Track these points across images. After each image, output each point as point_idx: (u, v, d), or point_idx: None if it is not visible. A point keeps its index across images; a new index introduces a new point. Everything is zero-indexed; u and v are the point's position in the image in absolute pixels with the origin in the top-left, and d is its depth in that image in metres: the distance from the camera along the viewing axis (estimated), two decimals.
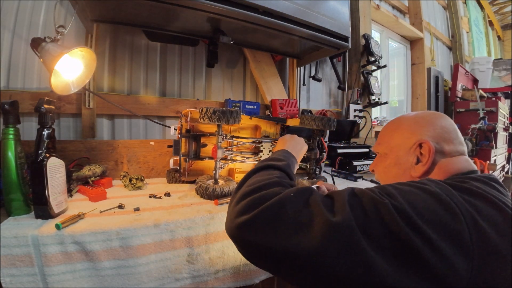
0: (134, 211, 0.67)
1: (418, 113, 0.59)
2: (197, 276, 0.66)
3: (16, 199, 0.60)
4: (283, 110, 1.54)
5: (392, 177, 0.57)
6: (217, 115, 0.76)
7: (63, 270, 0.54)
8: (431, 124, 0.55)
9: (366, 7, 2.01)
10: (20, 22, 0.99)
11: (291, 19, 1.01)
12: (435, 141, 0.52)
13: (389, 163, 0.58)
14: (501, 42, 5.89)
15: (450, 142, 0.53)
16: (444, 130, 0.54)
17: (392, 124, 0.62)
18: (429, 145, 0.52)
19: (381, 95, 2.10)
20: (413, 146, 0.54)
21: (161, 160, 1.08)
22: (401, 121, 0.60)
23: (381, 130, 0.65)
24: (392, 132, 0.60)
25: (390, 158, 0.58)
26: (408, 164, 0.55)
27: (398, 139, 0.58)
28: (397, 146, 0.57)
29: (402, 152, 0.56)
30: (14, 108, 0.60)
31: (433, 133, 0.53)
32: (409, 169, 0.54)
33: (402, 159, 0.56)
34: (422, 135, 0.54)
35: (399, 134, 0.58)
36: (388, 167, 0.59)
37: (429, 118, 0.56)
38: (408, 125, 0.57)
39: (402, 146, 0.56)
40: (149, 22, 1.08)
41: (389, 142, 0.60)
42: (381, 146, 0.62)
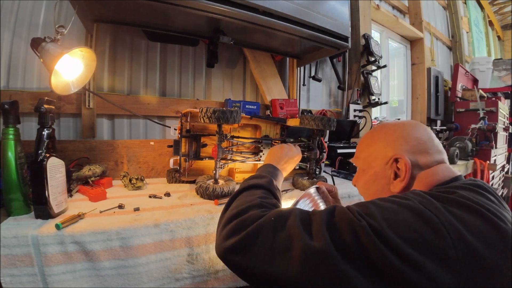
0: (134, 211, 0.67)
1: (391, 125, 0.58)
2: (197, 276, 0.66)
3: (16, 199, 0.60)
4: (283, 110, 1.54)
5: (372, 194, 0.57)
6: (217, 115, 0.76)
7: (63, 270, 0.54)
8: (403, 137, 0.54)
9: (366, 7, 2.01)
10: (20, 22, 0.99)
11: (291, 19, 1.01)
12: (411, 155, 0.51)
13: (368, 179, 0.58)
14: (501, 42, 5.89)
15: (426, 153, 0.52)
16: (419, 141, 0.53)
17: (367, 138, 0.61)
18: (404, 160, 0.50)
19: (381, 95, 2.10)
20: (389, 161, 0.53)
21: (161, 160, 1.08)
22: (375, 135, 0.59)
23: (358, 142, 0.64)
24: (367, 147, 0.59)
25: (368, 174, 0.58)
26: (386, 180, 0.54)
27: (374, 155, 0.57)
28: (373, 162, 0.57)
29: (379, 168, 0.55)
30: (14, 108, 0.60)
31: (408, 147, 0.52)
32: (387, 184, 0.53)
33: (380, 175, 0.55)
34: (396, 150, 0.53)
35: (374, 149, 0.57)
36: (368, 183, 0.58)
37: (401, 131, 0.55)
38: (382, 139, 0.56)
39: (378, 161, 0.55)
40: (149, 22, 1.08)
41: (365, 158, 0.59)
42: (358, 160, 0.62)
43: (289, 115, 1.55)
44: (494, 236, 0.35)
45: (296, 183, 0.97)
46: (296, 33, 1.08)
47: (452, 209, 0.37)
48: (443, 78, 3.00)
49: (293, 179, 1.00)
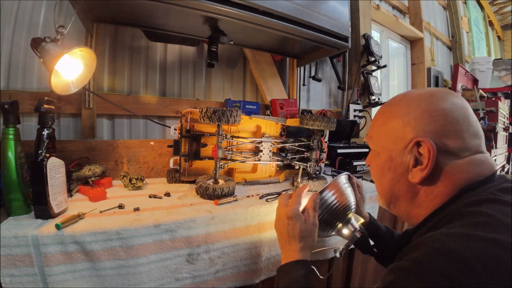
0: (134, 211, 0.67)
1: (415, 94, 0.46)
2: (197, 276, 0.66)
3: (16, 199, 0.60)
4: (283, 110, 1.54)
5: (386, 183, 0.49)
6: (217, 115, 0.76)
7: (63, 270, 0.54)
8: (429, 113, 0.42)
9: (366, 7, 2.01)
10: (20, 22, 0.99)
11: (291, 19, 1.01)
12: (437, 137, 0.41)
13: (382, 165, 0.49)
14: (501, 42, 5.89)
15: (458, 136, 0.41)
16: (449, 120, 0.41)
17: (383, 112, 0.50)
18: (428, 144, 0.40)
19: (381, 95, 2.10)
20: (408, 145, 0.43)
21: (161, 160, 1.08)
22: (393, 108, 0.48)
23: (374, 117, 0.53)
24: (382, 124, 0.49)
25: (382, 159, 0.49)
26: (404, 168, 0.45)
27: (390, 135, 0.47)
28: (388, 144, 0.47)
29: (396, 153, 0.45)
30: (14, 108, 0.60)
31: (434, 126, 0.41)
32: (405, 173, 0.45)
33: (396, 161, 0.46)
34: (419, 130, 0.42)
35: (390, 128, 0.47)
36: (382, 169, 0.49)
37: (427, 104, 0.43)
38: (402, 114, 0.45)
39: (395, 144, 0.46)
40: (149, 22, 1.08)
41: (379, 138, 0.49)
42: (372, 140, 0.52)
43: (289, 115, 1.55)
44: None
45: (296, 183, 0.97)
46: (296, 33, 1.08)
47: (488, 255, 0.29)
48: (443, 78, 3.00)
49: (293, 179, 1.00)
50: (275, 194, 0.85)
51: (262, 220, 0.74)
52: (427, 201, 0.43)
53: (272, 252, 0.78)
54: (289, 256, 0.57)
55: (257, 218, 0.74)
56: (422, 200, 0.44)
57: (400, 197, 0.47)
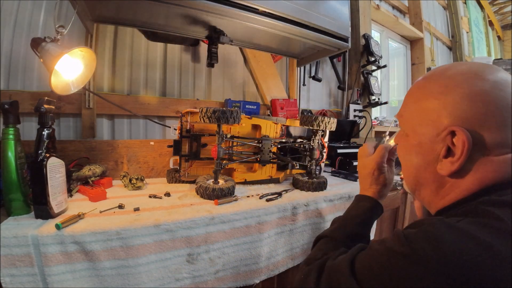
0: (134, 211, 0.67)
1: (455, 71, 0.40)
2: (197, 276, 0.66)
3: (16, 199, 0.60)
4: (283, 110, 1.54)
5: (413, 168, 0.46)
6: (217, 115, 0.76)
7: (63, 270, 0.54)
8: (472, 96, 0.36)
9: (366, 7, 2.01)
10: (20, 22, 0.99)
11: (291, 19, 1.01)
12: (475, 127, 0.36)
13: (409, 149, 0.45)
14: (501, 42, 5.89)
15: (499, 127, 0.35)
16: (491, 107, 0.35)
17: (418, 89, 0.45)
18: (463, 136, 0.36)
19: (381, 95, 2.10)
20: (441, 132, 0.39)
21: (161, 160, 1.08)
22: (431, 86, 0.42)
23: (408, 91, 0.48)
24: (416, 103, 0.44)
25: (410, 143, 0.45)
26: (433, 156, 0.41)
27: (423, 118, 0.42)
28: (419, 127, 0.43)
29: (427, 138, 0.41)
30: (14, 108, 0.60)
31: (473, 114, 0.36)
32: (434, 162, 0.41)
33: (426, 147, 0.42)
34: (455, 117, 0.37)
35: (423, 110, 0.42)
36: (409, 153, 0.46)
37: (469, 86, 0.37)
38: (437, 95, 0.40)
39: (426, 129, 0.41)
40: (149, 22, 1.07)
41: (410, 119, 0.45)
42: (402, 119, 0.48)
43: (289, 115, 1.55)
44: None
45: (296, 183, 0.97)
46: (296, 33, 1.08)
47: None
48: None
49: (293, 179, 1.00)
50: (275, 194, 0.85)
51: (262, 220, 0.74)
52: (452, 194, 0.40)
53: (272, 252, 0.78)
54: (367, 193, 0.63)
55: (257, 218, 0.74)
56: (447, 193, 0.41)
57: (425, 184, 0.44)
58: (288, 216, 0.81)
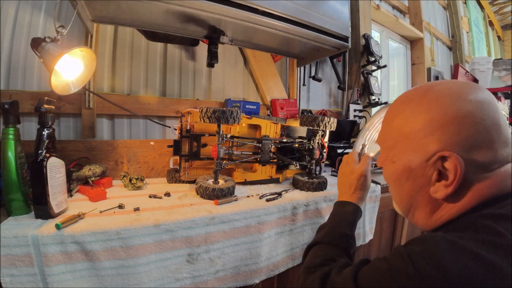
0: (134, 211, 0.67)
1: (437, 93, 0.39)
2: (197, 276, 0.66)
3: (16, 199, 0.60)
4: (283, 110, 1.54)
5: (404, 193, 0.44)
6: (217, 115, 0.76)
7: (63, 270, 0.54)
8: (458, 119, 0.36)
9: (366, 7, 2.01)
10: (20, 22, 0.99)
11: (291, 19, 1.01)
12: (465, 150, 0.35)
13: (398, 175, 0.43)
14: (501, 42, 5.89)
15: (489, 147, 0.35)
16: (479, 128, 0.35)
17: (398, 113, 0.43)
18: (455, 161, 0.35)
19: (381, 95, 2.10)
20: (431, 157, 0.37)
21: (161, 160, 1.08)
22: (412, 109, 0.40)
23: (386, 115, 0.46)
24: (398, 129, 0.42)
25: (398, 169, 0.43)
26: (425, 180, 0.39)
27: (409, 144, 0.40)
28: (406, 154, 0.41)
29: (415, 164, 0.40)
30: (14, 108, 0.61)
31: (462, 137, 0.35)
32: (426, 185, 0.40)
33: (416, 173, 0.40)
34: (444, 142, 0.36)
35: (409, 135, 0.40)
36: (398, 179, 0.44)
37: (455, 110, 0.36)
38: (423, 119, 0.38)
39: (414, 155, 0.40)
40: (149, 22, 1.07)
41: (395, 144, 0.43)
42: (385, 144, 0.46)
43: (289, 115, 1.55)
44: None
45: (296, 183, 0.97)
46: (296, 33, 1.08)
47: None
48: (443, 78, 3.00)
49: (293, 179, 1.00)
50: (275, 194, 0.85)
51: (262, 220, 0.74)
52: (447, 215, 0.40)
53: (272, 252, 0.78)
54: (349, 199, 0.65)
55: (257, 218, 0.74)
56: (443, 213, 0.40)
57: (419, 208, 0.43)
58: (288, 216, 0.81)
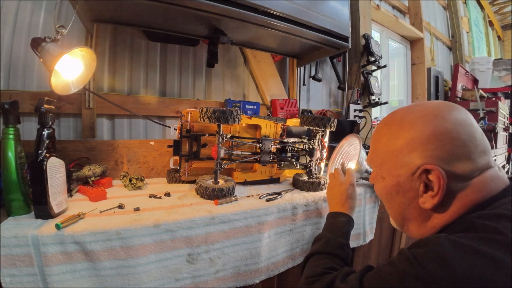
0: (134, 211, 0.67)
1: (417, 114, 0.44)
2: (197, 276, 0.66)
3: (16, 199, 0.60)
4: (283, 110, 1.54)
5: (397, 206, 0.47)
6: (217, 115, 0.76)
7: (63, 270, 0.54)
8: (437, 136, 0.40)
9: (366, 7, 2.01)
10: (20, 22, 0.99)
11: (291, 19, 1.01)
12: (446, 163, 0.39)
13: (389, 189, 0.47)
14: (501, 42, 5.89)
15: (467, 158, 0.39)
16: (457, 143, 0.39)
17: (384, 134, 0.48)
18: (438, 173, 0.39)
19: (381, 95, 2.09)
20: (416, 171, 0.42)
21: (161, 160, 1.08)
22: (395, 130, 0.46)
23: (372, 137, 0.52)
24: (385, 147, 0.47)
25: (388, 184, 0.47)
26: (413, 193, 0.43)
27: (396, 160, 0.45)
28: (394, 170, 0.45)
29: (403, 178, 0.44)
30: (14, 108, 0.60)
31: (442, 152, 0.40)
32: (415, 197, 0.43)
33: (405, 186, 0.44)
34: (426, 157, 0.41)
35: (395, 152, 0.45)
36: (389, 193, 0.47)
37: (433, 127, 0.41)
38: (406, 138, 0.43)
39: (401, 171, 0.44)
40: (149, 22, 1.08)
41: (384, 162, 0.47)
42: (374, 163, 0.51)
43: (289, 115, 1.55)
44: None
45: (296, 183, 0.97)
46: (296, 33, 1.08)
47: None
48: (443, 78, 3.00)
49: (293, 179, 1.00)
50: (275, 194, 0.85)
51: (262, 220, 0.74)
52: (441, 222, 0.42)
53: (272, 252, 0.78)
54: (341, 210, 0.72)
55: (257, 218, 0.74)
56: (435, 222, 0.43)
57: (412, 220, 0.46)
58: (288, 216, 0.81)
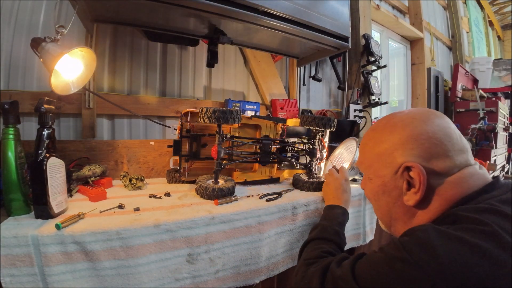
0: (134, 211, 0.67)
1: (398, 118, 0.48)
2: (197, 276, 0.66)
3: (16, 199, 0.60)
4: (283, 110, 1.54)
5: (384, 206, 0.51)
6: (217, 115, 0.76)
7: (63, 270, 0.54)
8: (414, 137, 0.44)
9: (366, 7, 2.01)
10: (20, 22, 0.99)
11: (291, 19, 1.01)
12: (425, 161, 0.42)
13: (376, 190, 0.51)
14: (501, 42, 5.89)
15: (444, 156, 0.42)
16: (433, 142, 0.43)
17: (370, 139, 0.52)
18: (418, 169, 0.42)
19: (381, 95, 2.10)
20: (399, 169, 0.45)
21: (161, 160, 1.08)
22: (378, 135, 0.50)
23: (361, 142, 0.56)
24: (371, 150, 0.51)
25: (375, 184, 0.51)
26: (398, 191, 0.46)
27: (379, 161, 0.49)
28: (379, 170, 0.49)
29: (388, 178, 0.47)
30: (14, 108, 0.60)
31: (420, 150, 0.43)
32: (400, 196, 0.46)
33: (390, 185, 0.47)
34: (407, 155, 0.44)
35: (379, 154, 0.49)
36: (377, 193, 0.51)
37: (410, 129, 0.45)
38: (388, 140, 0.47)
39: (385, 170, 0.48)
40: (149, 22, 1.07)
41: (370, 164, 0.51)
42: (363, 165, 0.54)
43: (289, 115, 1.55)
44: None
45: (296, 183, 0.97)
46: (296, 33, 1.08)
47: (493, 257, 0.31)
48: (443, 78, 3.00)
49: (293, 179, 1.00)
50: (275, 194, 0.85)
51: (262, 220, 0.74)
52: (425, 220, 0.44)
53: (272, 252, 0.78)
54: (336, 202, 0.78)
55: (257, 218, 0.74)
56: (420, 220, 0.45)
57: (398, 219, 0.49)
58: (288, 216, 0.81)
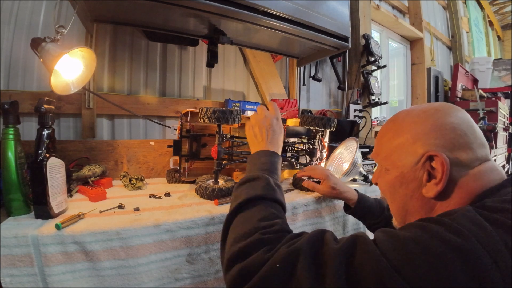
0: (134, 211, 0.67)
1: (420, 110, 0.47)
2: (197, 276, 0.66)
3: (16, 199, 0.60)
4: (283, 110, 1.54)
5: (399, 199, 0.48)
6: (217, 115, 0.76)
7: (63, 270, 0.54)
8: (438, 127, 0.42)
9: (366, 7, 2.01)
10: (20, 22, 0.99)
11: (291, 19, 1.01)
12: (449, 151, 0.41)
13: (393, 182, 0.48)
14: (501, 42, 5.90)
15: (468, 148, 0.41)
16: (458, 132, 0.41)
17: (389, 130, 0.50)
18: (441, 158, 0.40)
19: (381, 95, 2.10)
20: (420, 159, 0.43)
21: (161, 160, 1.08)
22: (399, 125, 0.48)
23: (378, 134, 0.53)
24: (390, 141, 0.48)
25: (392, 175, 0.47)
26: (416, 183, 0.44)
27: (399, 152, 0.46)
28: (399, 161, 0.46)
29: (407, 169, 0.44)
30: (14, 108, 0.60)
31: (444, 141, 0.41)
32: (419, 188, 0.44)
33: (408, 177, 0.45)
34: (429, 145, 0.42)
35: (399, 145, 0.46)
36: (393, 186, 0.48)
37: (434, 119, 0.43)
38: (409, 130, 0.45)
39: (405, 160, 0.45)
40: (149, 22, 1.08)
41: (389, 155, 0.48)
42: (379, 157, 0.51)
43: (289, 115, 1.55)
44: None
45: (296, 183, 0.97)
46: (296, 33, 1.08)
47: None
48: (443, 78, 3.01)
49: (293, 179, 1.00)
50: None
51: None
52: None
53: None
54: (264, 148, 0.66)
55: None
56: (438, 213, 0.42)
57: (415, 213, 0.46)
58: (288, 216, 0.81)
